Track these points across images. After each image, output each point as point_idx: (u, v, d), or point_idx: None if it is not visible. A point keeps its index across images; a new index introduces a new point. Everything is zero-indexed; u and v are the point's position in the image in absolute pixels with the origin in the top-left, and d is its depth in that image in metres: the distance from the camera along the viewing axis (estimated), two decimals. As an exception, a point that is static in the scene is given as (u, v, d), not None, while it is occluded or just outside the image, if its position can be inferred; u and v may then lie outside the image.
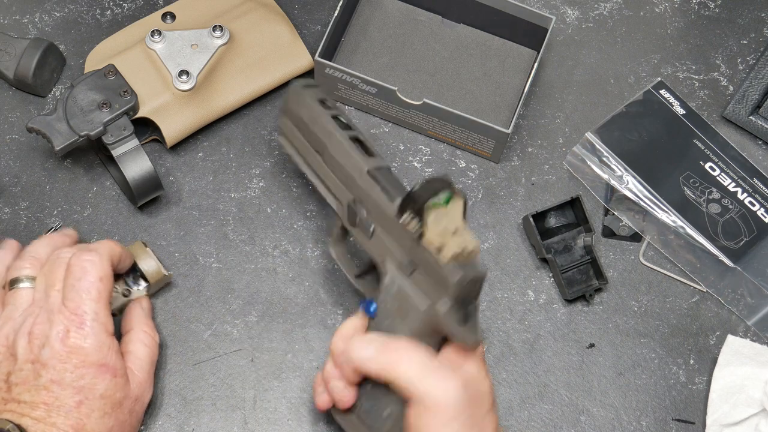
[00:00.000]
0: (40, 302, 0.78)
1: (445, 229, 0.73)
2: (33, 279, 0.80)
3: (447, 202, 0.73)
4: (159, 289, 0.89)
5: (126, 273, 0.87)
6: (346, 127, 0.82)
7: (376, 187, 0.77)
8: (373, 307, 0.76)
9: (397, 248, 0.76)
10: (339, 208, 0.81)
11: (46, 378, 0.75)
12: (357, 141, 0.81)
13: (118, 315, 0.88)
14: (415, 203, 0.73)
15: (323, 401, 0.79)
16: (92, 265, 0.78)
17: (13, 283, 0.80)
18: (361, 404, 0.77)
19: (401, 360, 0.72)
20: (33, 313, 0.78)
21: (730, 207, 0.94)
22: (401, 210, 0.75)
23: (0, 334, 0.78)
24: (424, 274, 0.74)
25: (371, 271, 0.82)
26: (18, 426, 0.73)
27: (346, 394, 0.77)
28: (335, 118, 0.82)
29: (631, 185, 0.94)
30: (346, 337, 0.77)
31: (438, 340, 0.75)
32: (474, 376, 0.75)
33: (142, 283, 0.87)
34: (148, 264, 0.87)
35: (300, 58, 0.96)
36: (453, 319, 0.73)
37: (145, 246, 0.87)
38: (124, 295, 0.86)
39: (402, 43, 1.00)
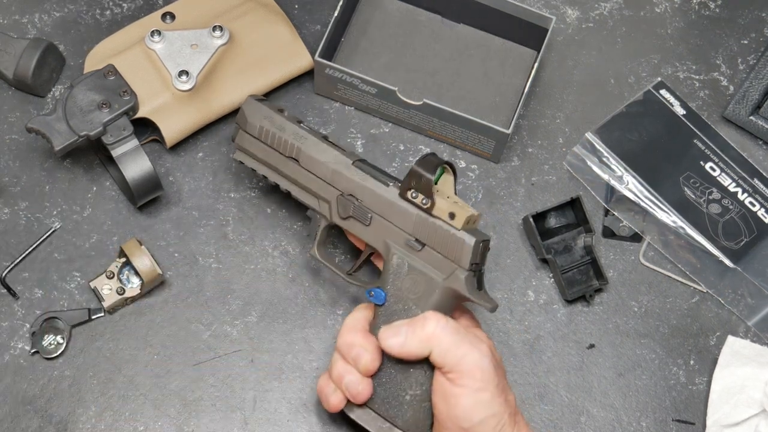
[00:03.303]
0: None
1: (449, 199, 0.78)
2: None
3: (439, 177, 0.79)
4: (153, 287, 0.89)
5: (120, 271, 0.88)
6: (312, 130, 0.84)
7: (366, 175, 0.81)
8: (383, 294, 0.78)
9: (400, 229, 0.79)
10: (324, 207, 0.83)
11: None
12: (327, 140, 0.84)
13: (113, 313, 0.88)
14: (420, 179, 0.77)
15: (337, 400, 0.79)
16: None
17: None
18: (377, 395, 0.78)
19: (434, 333, 0.74)
20: None
21: (731, 207, 0.94)
22: (406, 188, 0.78)
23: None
24: (435, 248, 0.77)
25: (362, 264, 0.84)
26: None
27: (363, 387, 0.77)
28: (299, 123, 0.85)
29: (631, 185, 0.94)
30: (355, 329, 0.78)
31: (451, 314, 0.78)
32: (491, 344, 0.77)
33: (136, 281, 0.88)
34: (143, 262, 0.87)
35: (300, 58, 0.95)
36: (472, 284, 0.77)
37: (140, 244, 0.87)
38: (119, 293, 0.87)
39: (402, 43, 1.00)
